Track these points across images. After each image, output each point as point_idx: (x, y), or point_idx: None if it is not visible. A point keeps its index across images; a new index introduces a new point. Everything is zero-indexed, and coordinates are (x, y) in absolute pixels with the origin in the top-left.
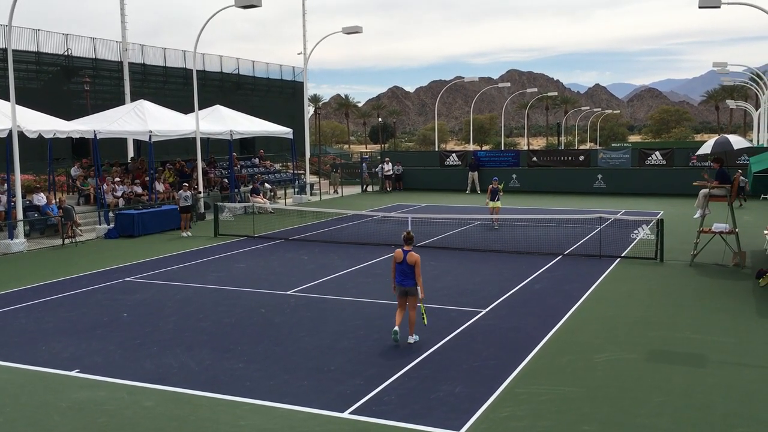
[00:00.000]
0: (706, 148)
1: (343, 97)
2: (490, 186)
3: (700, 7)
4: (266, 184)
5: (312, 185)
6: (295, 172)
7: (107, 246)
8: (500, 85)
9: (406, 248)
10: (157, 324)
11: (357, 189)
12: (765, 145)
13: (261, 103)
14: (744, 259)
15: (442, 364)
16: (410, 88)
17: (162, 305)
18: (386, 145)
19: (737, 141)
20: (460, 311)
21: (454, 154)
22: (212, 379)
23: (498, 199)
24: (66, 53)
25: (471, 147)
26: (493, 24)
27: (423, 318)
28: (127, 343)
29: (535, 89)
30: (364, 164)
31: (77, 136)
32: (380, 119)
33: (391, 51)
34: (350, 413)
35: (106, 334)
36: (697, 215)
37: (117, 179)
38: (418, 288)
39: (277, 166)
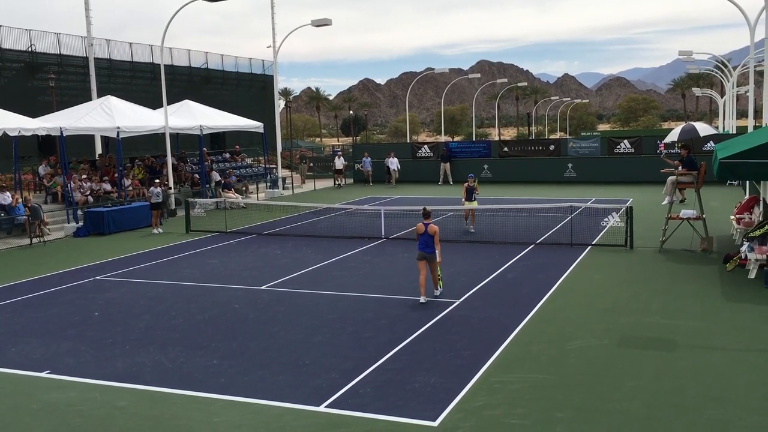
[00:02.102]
0: (673, 136)
1: (314, 90)
2: (465, 184)
3: None
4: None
5: (284, 179)
6: (267, 166)
7: (77, 245)
8: (470, 76)
9: (425, 221)
10: (129, 322)
11: (329, 183)
12: (730, 132)
13: (231, 97)
14: (711, 244)
15: (417, 356)
16: (381, 80)
17: (134, 303)
18: (358, 137)
19: (703, 128)
20: (433, 302)
21: (426, 146)
22: (186, 377)
23: (474, 199)
24: (30, 49)
25: (443, 138)
26: (463, 15)
27: (439, 281)
28: (98, 343)
29: (506, 80)
30: (365, 159)
31: (43, 134)
32: (351, 112)
33: (361, 43)
34: (326, 407)
35: (77, 334)
36: (665, 202)
37: (84, 176)
38: (437, 252)
39: (249, 160)
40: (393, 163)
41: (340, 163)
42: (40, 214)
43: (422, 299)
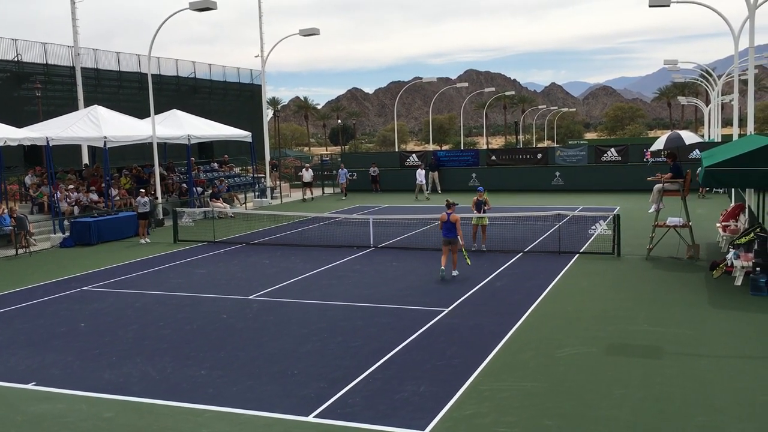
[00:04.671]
0: (659, 144)
1: (302, 99)
2: (475, 198)
3: (650, 6)
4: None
5: (272, 189)
6: (255, 175)
7: (63, 255)
8: (458, 85)
9: (448, 211)
10: (116, 333)
11: (317, 192)
12: (716, 140)
13: (219, 106)
14: (698, 252)
15: (406, 364)
16: (369, 90)
17: (121, 314)
18: (347, 146)
19: (689, 136)
20: (423, 311)
21: (414, 155)
22: (174, 387)
23: (484, 212)
24: (16, 59)
25: (431, 147)
26: (450, 24)
27: (466, 259)
28: (85, 354)
29: (493, 89)
30: (341, 171)
31: (29, 144)
32: (340, 121)
33: (349, 52)
34: (315, 417)
35: (63, 345)
36: (651, 210)
37: (71, 186)
38: (459, 237)
39: (237, 169)
40: (421, 175)
41: (308, 175)
42: (26, 225)
43: (442, 273)
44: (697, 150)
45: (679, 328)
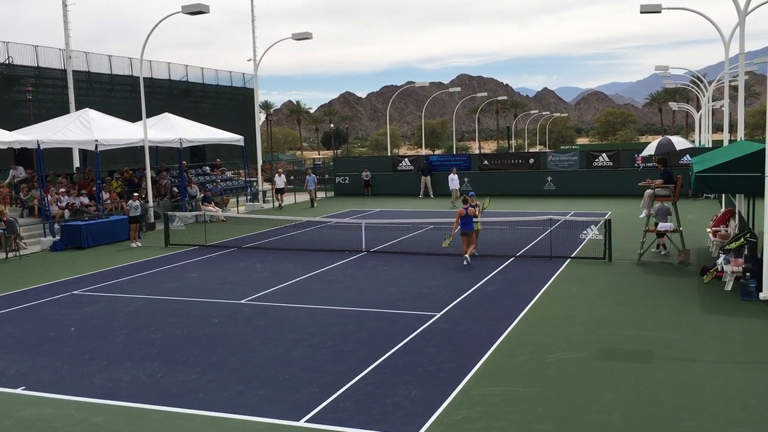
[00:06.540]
0: (650, 149)
1: (295, 103)
2: (467, 204)
3: (641, 12)
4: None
5: (264, 192)
6: (247, 179)
7: (53, 259)
8: (451, 89)
9: (465, 206)
10: (107, 337)
11: (307, 196)
12: (706, 146)
13: (211, 110)
14: (688, 257)
15: (397, 369)
16: (362, 94)
17: (111, 318)
18: (339, 150)
19: (680, 142)
20: (414, 315)
21: (406, 159)
22: (164, 392)
23: (475, 217)
24: (7, 61)
25: (423, 151)
26: (442, 29)
27: (446, 240)
28: (75, 358)
29: (485, 93)
30: (309, 177)
31: (19, 147)
32: (332, 125)
33: (342, 57)
34: (306, 422)
35: (53, 350)
36: (642, 215)
37: (62, 190)
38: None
39: (229, 173)
40: (454, 180)
41: (281, 181)
42: (16, 228)
43: (465, 262)
44: (687, 155)
45: (669, 333)
